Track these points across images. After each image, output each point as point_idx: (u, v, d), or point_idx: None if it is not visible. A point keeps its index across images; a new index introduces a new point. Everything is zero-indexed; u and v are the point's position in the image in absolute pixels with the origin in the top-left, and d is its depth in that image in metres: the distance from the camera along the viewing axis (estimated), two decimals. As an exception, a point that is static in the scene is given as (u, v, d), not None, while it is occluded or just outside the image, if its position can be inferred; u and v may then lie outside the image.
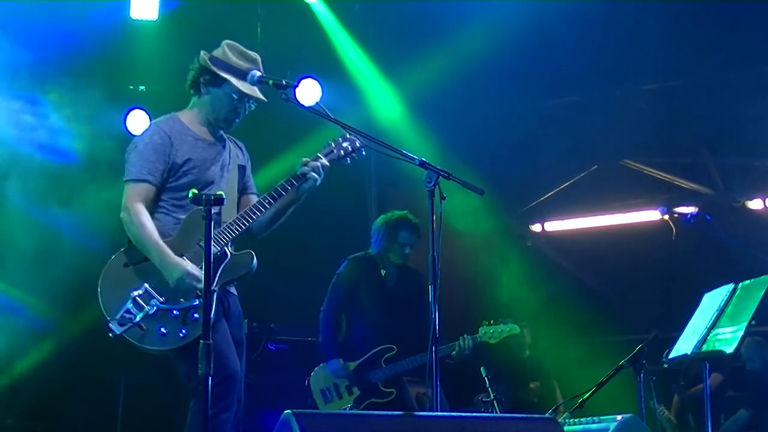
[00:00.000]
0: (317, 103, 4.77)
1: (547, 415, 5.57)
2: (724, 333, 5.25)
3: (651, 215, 9.38)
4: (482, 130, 9.09)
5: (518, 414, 4.64)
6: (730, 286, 5.45)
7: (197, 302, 4.43)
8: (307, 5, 8.33)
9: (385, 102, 8.76)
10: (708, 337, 5.30)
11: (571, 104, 9.34)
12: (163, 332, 4.42)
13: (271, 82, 4.61)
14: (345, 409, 6.40)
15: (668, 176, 9.57)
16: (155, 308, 4.44)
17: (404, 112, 8.61)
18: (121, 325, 4.43)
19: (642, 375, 5.88)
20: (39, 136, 7.84)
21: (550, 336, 9.47)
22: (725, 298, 5.39)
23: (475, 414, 5.14)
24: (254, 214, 4.64)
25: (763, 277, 5.34)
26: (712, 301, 5.51)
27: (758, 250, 6.02)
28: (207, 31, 7.83)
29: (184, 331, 4.43)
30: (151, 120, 8.05)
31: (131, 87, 8.27)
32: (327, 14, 8.40)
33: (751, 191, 9.17)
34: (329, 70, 8.20)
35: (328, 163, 4.79)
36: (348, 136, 4.82)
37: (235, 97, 4.67)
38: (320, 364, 6.65)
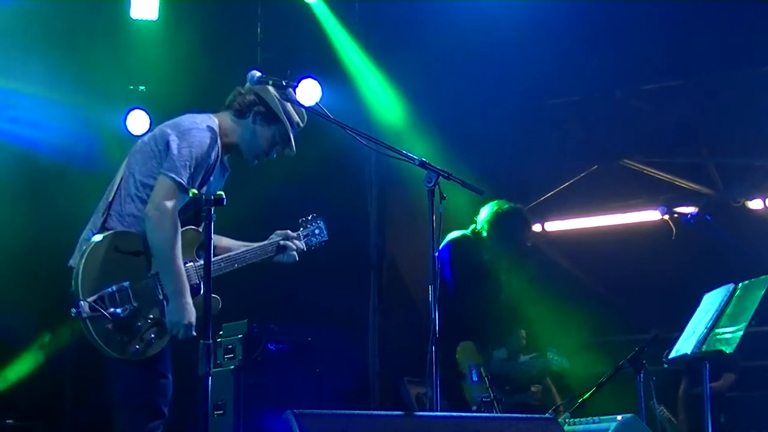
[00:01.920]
0: (317, 103, 4.79)
1: (547, 415, 5.57)
2: (724, 333, 5.25)
3: (651, 215, 9.37)
4: (482, 130, 9.09)
5: (518, 414, 4.64)
6: (730, 286, 5.45)
7: (160, 323, 4.26)
8: (307, 5, 8.33)
9: (385, 102, 8.76)
10: (708, 337, 5.30)
11: (571, 104, 9.33)
12: (121, 339, 4.17)
13: (271, 82, 4.61)
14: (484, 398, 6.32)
15: (668, 176, 9.57)
16: (127, 311, 4.17)
17: (404, 112, 8.60)
18: (91, 309, 4.10)
19: (642, 375, 5.89)
20: (39, 135, 7.83)
21: (550, 336, 9.47)
22: (725, 298, 5.40)
23: (475, 414, 5.14)
24: (240, 264, 4.59)
25: (763, 277, 5.34)
26: (712, 301, 5.52)
27: (758, 250, 6.02)
28: (207, 31, 7.85)
29: (138, 347, 4.20)
30: (151, 120, 8.14)
31: (131, 87, 8.27)
32: (327, 14, 8.39)
33: (751, 191, 9.17)
34: (329, 70, 8.20)
35: (304, 248, 4.87)
36: (322, 225, 4.94)
37: (278, 142, 4.64)
38: (464, 341, 6.56)
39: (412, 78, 8.57)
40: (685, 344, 5.46)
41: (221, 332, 7.34)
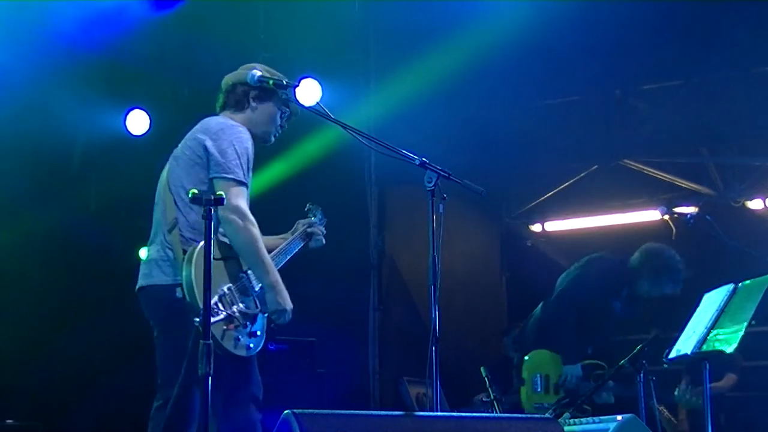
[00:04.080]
0: (317, 103, 4.78)
1: (547, 415, 5.57)
2: (724, 333, 5.25)
3: (651, 215, 9.38)
4: (482, 129, 9.09)
5: (518, 414, 4.65)
6: (730, 287, 5.45)
7: (261, 320, 4.45)
8: (308, 5, 8.32)
9: (385, 102, 8.76)
10: (708, 337, 5.29)
11: (571, 104, 9.34)
12: (235, 338, 4.33)
13: (271, 82, 4.62)
14: (543, 405, 6.33)
15: (668, 176, 9.58)
16: (236, 312, 4.34)
17: (404, 112, 8.60)
18: (212, 315, 4.16)
19: (642, 375, 5.89)
20: (38, 135, 7.83)
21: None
22: (725, 299, 5.39)
23: (475, 414, 5.14)
24: (287, 255, 4.79)
25: (763, 277, 5.33)
26: (712, 301, 5.51)
27: (758, 250, 6.01)
28: (208, 31, 7.85)
29: (251, 345, 4.39)
30: (151, 120, 8.13)
31: (131, 87, 8.27)
32: (327, 14, 8.39)
33: (751, 191, 9.17)
34: (329, 70, 8.19)
35: (325, 231, 5.06)
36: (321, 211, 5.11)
37: (285, 107, 4.73)
38: (536, 349, 6.60)
39: (412, 78, 8.57)
40: (685, 344, 5.45)
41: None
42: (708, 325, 5.33)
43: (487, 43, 8.08)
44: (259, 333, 4.46)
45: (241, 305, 4.36)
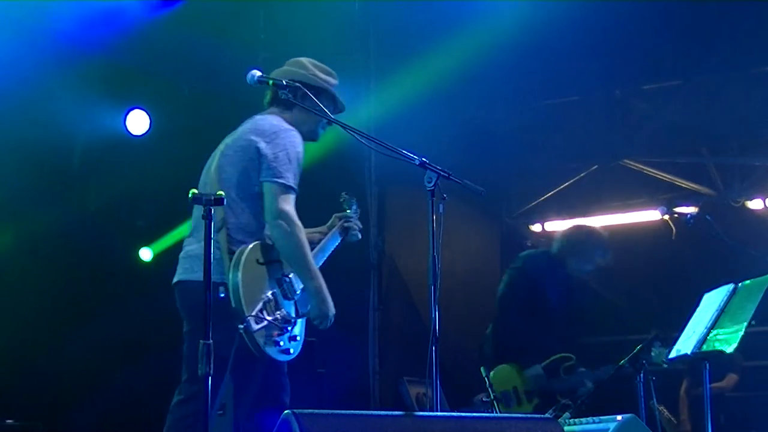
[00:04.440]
0: (317, 103, 4.78)
1: (547, 415, 5.57)
2: (724, 333, 5.24)
3: (651, 215, 9.38)
4: (482, 129, 9.09)
5: (518, 414, 4.64)
6: (730, 287, 5.45)
7: (301, 324, 4.49)
8: (308, 5, 8.32)
9: (385, 102, 8.76)
10: (708, 337, 5.29)
11: (571, 104, 9.34)
12: (276, 342, 4.37)
13: (271, 82, 4.63)
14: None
15: (668, 176, 9.58)
16: (280, 316, 4.37)
17: (404, 112, 8.60)
18: (257, 323, 4.27)
19: (642, 375, 5.89)
20: (38, 135, 7.83)
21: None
22: (725, 299, 5.39)
23: (475, 414, 5.13)
24: (325, 253, 4.82)
25: (763, 277, 5.33)
26: (712, 301, 5.51)
27: (758, 250, 6.01)
28: (208, 31, 7.84)
29: (291, 349, 4.43)
30: (151, 120, 8.13)
31: (131, 87, 8.26)
32: (327, 14, 8.39)
33: (751, 191, 9.17)
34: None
35: (360, 225, 5.08)
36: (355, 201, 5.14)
37: (332, 105, 4.80)
38: (498, 366, 6.50)
39: (412, 78, 8.57)
40: (685, 344, 5.45)
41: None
42: (708, 325, 5.33)
43: (487, 43, 8.08)
44: (298, 337, 4.49)
45: (283, 311, 4.39)
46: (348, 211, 5.08)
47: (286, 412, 3.72)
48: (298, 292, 4.52)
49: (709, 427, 5.26)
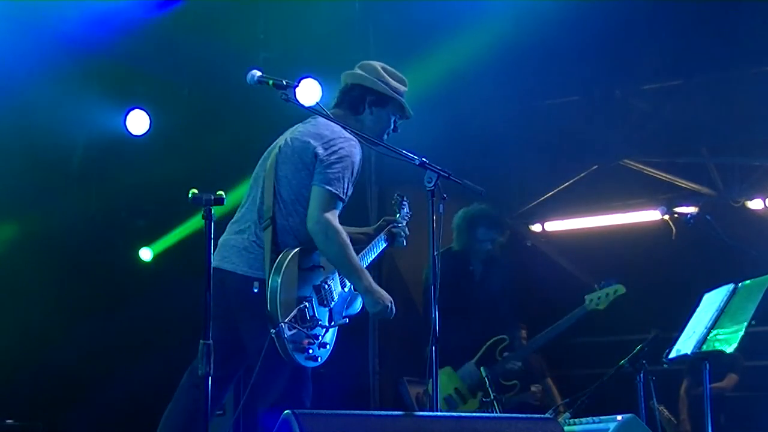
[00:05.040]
0: (317, 103, 4.78)
1: (547, 415, 5.57)
2: (724, 333, 5.24)
3: (651, 215, 9.37)
4: (482, 129, 9.09)
5: (518, 414, 4.64)
6: (730, 287, 5.45)
7: (333, 331, 4.50)
8: (308, 5, 8.32)
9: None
10: (708, 337, 5.29)
11: (571, 104, 9.33)
12: (306, 349, 4.37)
13: (271, 82, 4.61)
14: (472, 412, 6.27)
15: (668, 176, 9.57)
16: (314, 323, 4.36)
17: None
18: (289, 329, 4.26)
19: (642, 375, 5.89)
20: (38, 135, 7.83)
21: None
22: (725, 299, 5.39)
23: (475, 414, 5.14)
24: (369, 258, 4.80)
25: (763, 277, 5.33)
26: (712, 301, 5.51)
27: (758, 250, 6.01)
28: (208, 31, 7.85)
29: (320, 356, 4.43)
30: (151, 120, 8.13)
31: (131, 87, 8.27)
32: (327, 14, 8.38)
33: (751, 191, 9.16)
34: (329, 70, 8.18)
35: (408, 231, 5.05)
36: (407, 201, 5.09)
37: (397, 116, 4.79)
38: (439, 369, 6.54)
39: (412, 77, 8.54)
40: (685, 344, 5.45)
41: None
42: (708, 325, 5.33)
43: (487, 43, 8.07)
44: (329, 345, 4.50)
45: (317, 319, 4.39)
46: (398, 215, 5.04)
47: (286, 412, 3.72)
48: (335, 300, 4.52)
49: (709, 427, 5.26)
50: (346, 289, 4.61)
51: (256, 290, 4.30)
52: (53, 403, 7.87)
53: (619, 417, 5.14)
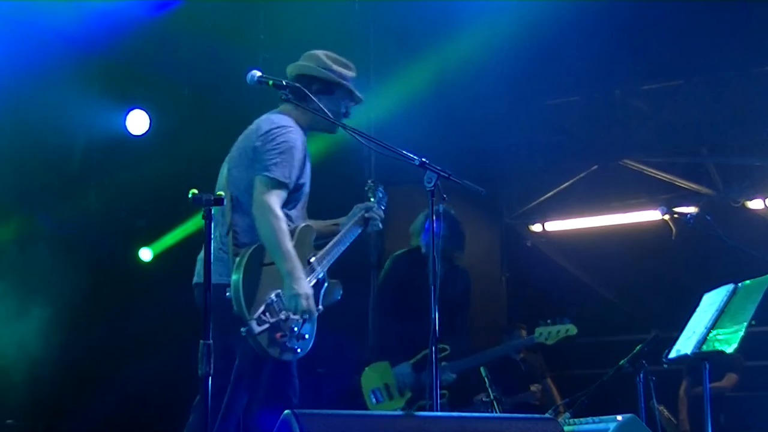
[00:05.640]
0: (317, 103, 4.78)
1: (547, 415, 5.57)
2: (724, 333, 5.24)
3: (651, 215, 9.38)
4: (482, 130, 9.09)
5: (518, 414, 4.64)
6: (730, 287, 5.44)
7: (312, 322, 4.48)
8: (308, 5, 8.32)
9: (385, 102, 8.75)
10: (708, 337, 5.29)
11: (571, 104, 9.34)
12: (283, 343, 4.37)
13: (271, 82, 4.62)
14: (396, 410, 6.29)
15: (668, 176, 9.57)
16: (285, 316, 4.35)
17: (404, 112, 8.60)
18: (259, 325, 4.26)
19: (642, 375, 5.89)
20: (38, 135, 7.83)
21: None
22: (725, 299, 5.39)
23: (475, 414, 5.13)
24: (344, 245, 4.80)
25: (763, 277, 5.33)
26: (712, 301, 5.51)
27: (758, 250, 6.01)
28: (208, 31, 7.85)
29: (299, 349, 4.43)
30: (151, 120, 8.13)
31: (131, 87, 8.27)
32: (327, 14, 8.39)
33: (751, 191, 9.16)
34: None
35: (383, 215, 5.03)
36: (382, 188, 5.11)
37: (347, 101, 4.79)
38: (372, 363, 6.55)
39: (412, 77, 8.56)
40: (685, 344, 5.45)
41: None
42: (708, 325, 5.32)
43: (487, 43, 8.08)
44: (307, 336, 4.48)
45: (287, 309, 4.37)
46: (372, 199, 5.03)
47: (286, 412, 3.72)
48: None
49: (709, 427, 5.25)
50: (319, 279, 4.61)
51: (228, 296, 4.30)
52: (53, 404, 7.88)
53: (619, 417, 5.14)
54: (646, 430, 5.23)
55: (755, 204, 9.12)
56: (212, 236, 4.42)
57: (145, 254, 8.74)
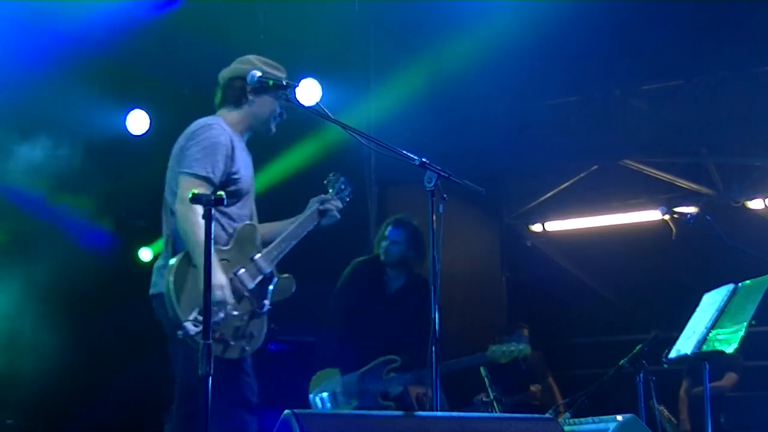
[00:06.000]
0: (317, 103, 4.78)
1: (547, 415, 5.57)
2: (724, 333, 5.24)
3: (651, 215, 9.38)
4: (482, 129, 9.09)
5: (518, 414, 4.64)
6: (730, 287, 5.44)
7: (261, 318, 4.48)
8: (308, 5, 8.32)
9: (385, 102, 8.76)
10: (708, 337, 5.29)
11: (571, 104, 9.34)
12: (228, 342, 4.37)
13: (271, 82, 4.64)
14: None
15: (668, 176, 9.57)
16: (225, 316, 4.34)
17: (404, 112, 8.60)
18: (195, 326, 4.26)
19: (642, 375, 5.89)
20: (38, 134, 7.84)
21: (547, 335, 9.48)
22: (725, 299, 5.38)
23: (475, 414, 5.13)
24: (296, 239, 4.76)
25: (763, 277, 5.33)
26: (712, 301, 5.50)
27: (758, 250, 6.01)
28: (208, 32, 7.85)
29: (247, 347, 4.43)
30: (151, 120, 8.14)
31: (131, 87, 8.27)
32: (327, 14, 8.39)
33: (751, 191, 9.17)
34: (329, 70, 8.19)
35: (341, 205, 4.99)
36: (344, 180, 5.07)
37: (279, 99, 4.78)
38: (321, 369, 6.54)
39: (412, 78, 8.56)
40: (685, 344, 5.45)
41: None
42: (708, 325, 5.32)
43: (487, 43, 8.08)
44: (255, 333, 4.48)
45: (228, 308, 4.35)
46: (330, 191, 5.02)
47: (286, 412, 3.72)
48: (250, 287, 4.50)
49: (709, 427, 5.26)
50: (266, 276, 4.59)
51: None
52: (53, 404, 7.88)
53: (619, 417, 5.14)
54: (646, 430, 5.23)
55: (755, 204, 9.12)
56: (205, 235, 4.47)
57: (145, 254, 8.74)
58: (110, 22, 7.66)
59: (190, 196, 3.85)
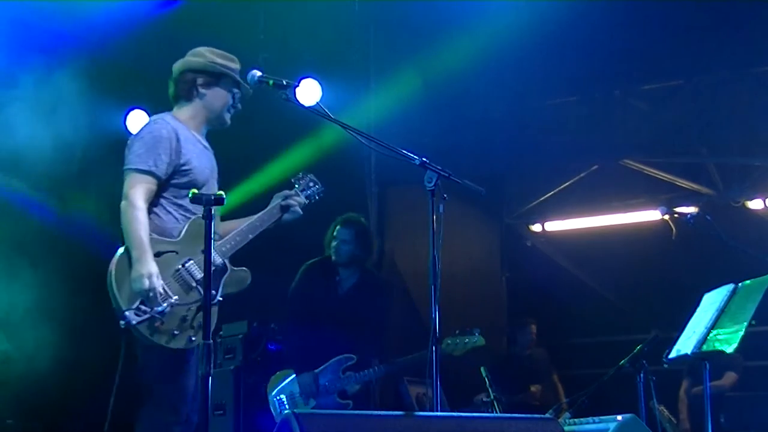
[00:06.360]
0: (317, 103, 4.79)
1: (547, 414, 5.57)
2: (724, 333, 5.24)
3: (651, 215, 9.39)
4: (482, 129, 9.09)
5: (518, 414, 4.64)
6: (730, 287, 5.44)
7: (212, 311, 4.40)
8: (308, 5, 8.32)
9: (385, 102, 8.76)
10: (708, 337, 5.29)
11: (571, 104, 9.34)
12: (173, 332, 4.39)
13: (271, 82, 4.63)
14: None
15: (668, 176, 9.57)
16: (169, 306, 4.36)
17: (404, 112, 8.61)
18: (137, 315, 4.33)
19: (642, 375, 5.89)
20: (39, 134, 7.83)
21: (547, 335, 9.48)
22: (725, 299, 5.39)
23: (475, 414, 5.13)
24: (253, 233, 4.74)
25: (763, 277, 5.33)
26: (712, 301, 5.51)
27: (758, 250, 6.01)
28: (208, 32, 7.85)
29: (194, 337, 4.42)
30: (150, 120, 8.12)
31: (131, 87, 8.26)
32: (327, 14, 8.39)
33: (751, 191, 9.17)
34: (329, 70, 8.19)
35: (304, 200, 4.95)
36: (314, 178, 5.04)
37: (234, 89, 4.81)
38: (279, 370, 6.53)
39: (412, 78, 8.56)
40: (685, 344, 5.45)
41: (221, 332, 7.33)
42: (708, 325, 5.33)
43: (487, 43, 8.08)
44: (195, 325, 4.44)
45: (174, 298, 4.38)
46: (296, 187, 4.99)
47: (286, 412, 3.73)
48: (198, 278, 4.48)
49: (708, 427, 5.26)
50: (218, 267, 4.57)
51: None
52: (53, 404, 7.87)
53: (619, 417, 5.15)
54: (646, 430, 5.24)
55: (755, 204, 9.13)
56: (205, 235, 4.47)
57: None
58: (110, 22, 7.66)
59: (191, 195, 3.85)
